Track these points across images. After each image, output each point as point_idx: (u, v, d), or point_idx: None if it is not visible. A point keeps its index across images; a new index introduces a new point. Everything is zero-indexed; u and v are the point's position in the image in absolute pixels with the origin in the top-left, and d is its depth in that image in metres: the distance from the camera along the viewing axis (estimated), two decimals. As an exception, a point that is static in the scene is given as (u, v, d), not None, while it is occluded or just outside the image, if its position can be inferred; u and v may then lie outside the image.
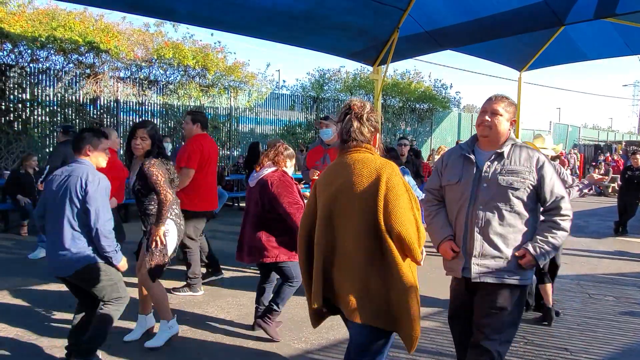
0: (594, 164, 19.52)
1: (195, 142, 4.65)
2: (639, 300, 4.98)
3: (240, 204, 11.22)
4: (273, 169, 3.68)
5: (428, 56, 14.53)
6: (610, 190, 15.74)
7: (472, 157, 2.50)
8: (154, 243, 3.27)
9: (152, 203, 3.40)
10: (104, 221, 2.87)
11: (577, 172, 19.94)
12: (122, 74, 10.53)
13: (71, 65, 9.81)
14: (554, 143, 4.83)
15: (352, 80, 16.01)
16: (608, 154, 19.46)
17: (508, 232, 2.40)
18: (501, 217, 2.39)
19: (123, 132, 10.53)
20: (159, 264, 3.33)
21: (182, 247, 4.55)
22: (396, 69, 17.41)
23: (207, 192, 4.80)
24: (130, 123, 10.54)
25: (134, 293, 4.68)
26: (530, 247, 2.36)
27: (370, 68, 12.95)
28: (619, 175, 10.83)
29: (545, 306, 4.18)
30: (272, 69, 41.70)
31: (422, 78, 17.60)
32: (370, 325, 2.11)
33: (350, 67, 20.45)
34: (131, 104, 10.64)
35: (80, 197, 2.84)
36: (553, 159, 4.83)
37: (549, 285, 4.17)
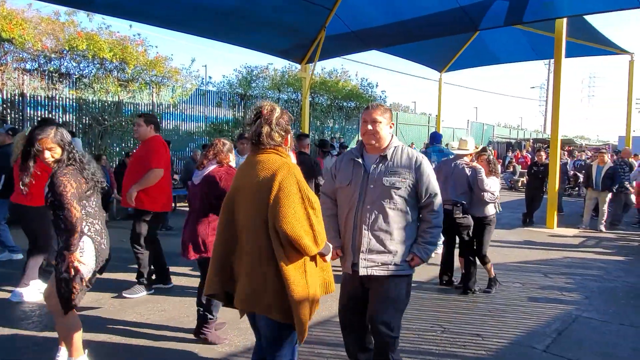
0: (499, 160, 21.11)
1: (158, 142, 4.78)
2: (542, 285, 5.45)
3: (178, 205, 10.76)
4: (216, 165, 3.66)
5: (355, 55, 14.92)
6: (520, 184, 17.08)
7: (360, 160, 2.71)
8: (71, 271, 2.81)
9: None
10: None
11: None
12: (28, 66, 9.64)
13: (-33, 54, 8.85)
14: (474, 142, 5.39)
15: (280, 77, 15.95)
16: (517, 151, 21.05)
17: (392, 228, 2.61)
18: (386, 215, 2.59)
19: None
20: (74, 291, 2.85)
21: (135, 246, 4.71)
22: (324, 67, 17.62)
23: (169, 193, 4.95)
24: (39, 119, 9.70)
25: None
26: (416, 251, 2.64)
27: (299, 66, 13.03)
28: (526, 171, 11.75)
29: (490, 277, 5.18)
30: (198, 65, 40.31)
31: (349, 77, 17.98)
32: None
33: (278, 64, 20.43)
34: (39, 98, 9.78)
35: None
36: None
37: (489, 264, 5.15)
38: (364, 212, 2.62)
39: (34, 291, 4.52)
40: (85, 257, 2.90)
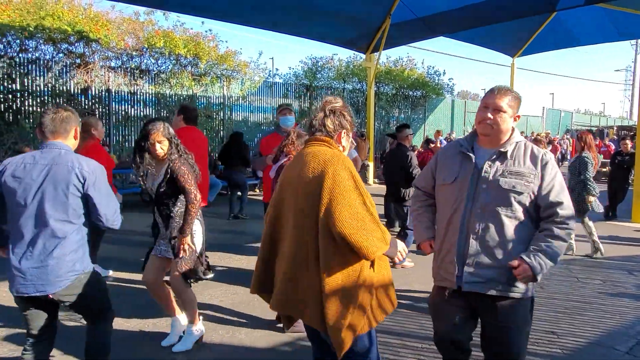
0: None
1: (186, 135, 4.56)
2: (625, 283, 5.08)
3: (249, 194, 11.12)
4: (287, 158, 3.65)
5: (421, 43, 14.58)
6: (602, 175, 15.88)
7: (472, 155, 2.26)
8: (182, 252, 3.16)
9: (179, 205, 3.23)
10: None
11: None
12: (113, 64, 10.47)
13: (61, 54, 9.72)
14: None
15: (345, 68, 15.96)
16: (599, 140, 19.56)
17: (508, 240, 2.16)
18: (501, 223, 2.15)
19: (116, 122, 10.53)
20: (191, 268, 3.25)
21: None
22: (389, 56, 17.50)
23: (204, 187, 4.83)
24: (123, 113, 10.49)
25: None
26: (524, 256, 2.10)
27: (363, 55, 12.97)
28: (609, 160, 10.92)
29: None
30: (265, 57, 41.17)
31: (415, 65, 17.58)
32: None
33: (343, 54, 20.43)
34: (123, 93, 10.58)
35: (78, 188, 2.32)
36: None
37: None
38: (473, 216, 2.18)
39: None
40: (197, 238, 3.29)
